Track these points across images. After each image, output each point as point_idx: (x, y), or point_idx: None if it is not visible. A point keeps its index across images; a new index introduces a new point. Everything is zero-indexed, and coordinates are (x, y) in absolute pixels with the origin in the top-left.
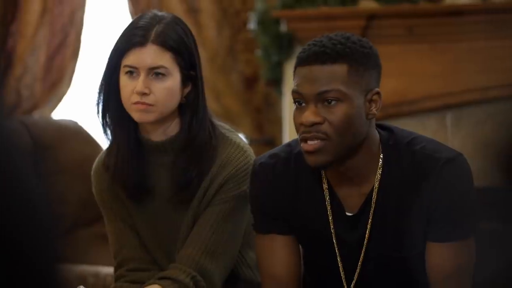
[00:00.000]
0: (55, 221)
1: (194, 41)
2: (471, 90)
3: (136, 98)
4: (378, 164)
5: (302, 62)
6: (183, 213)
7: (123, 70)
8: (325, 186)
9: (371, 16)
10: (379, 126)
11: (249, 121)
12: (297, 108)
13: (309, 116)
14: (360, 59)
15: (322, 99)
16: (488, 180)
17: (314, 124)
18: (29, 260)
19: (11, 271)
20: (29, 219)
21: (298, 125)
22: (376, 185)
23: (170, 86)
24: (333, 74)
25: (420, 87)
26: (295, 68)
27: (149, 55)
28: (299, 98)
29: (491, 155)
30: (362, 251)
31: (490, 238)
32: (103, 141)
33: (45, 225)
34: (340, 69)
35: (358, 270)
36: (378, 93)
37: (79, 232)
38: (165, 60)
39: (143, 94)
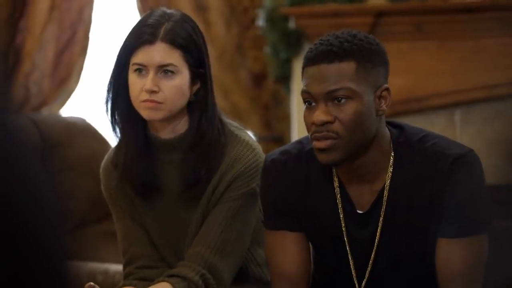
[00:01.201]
0: (63, 218)
1: (203, 38)
2: (479, 88)
3: (145, 96)
4: (389, 162)
5: (309, 62)
6: (192, 211)
7: (132, 68)
8: (336, 184)
9: (380, 13)
10: (390, 124)
11: (258, 118)
12: (307, 108)
13: (319, 115)
14: (367, 56)
15: (332, 97)
16: (497, 177)
17: (325, 123)
18: (38, 257)
19: (19, 268)
20: (38, 216)
21: (309, 125)
22: (388, 182)
23: (179, 84)
24: (341, 72)
25: (429, 85)
26: (303, 68)
27: (158, 53)
28: (308, 98)
29: (500, 152)
30: (374, 249)
31: (504, 236)
32: (112, 139)
33: (53, 222)
34: (348, 66)
35: (369, 268)
36: (387, 89)
37: (88, 230)
38: (174, 58)
39: (152, 92)
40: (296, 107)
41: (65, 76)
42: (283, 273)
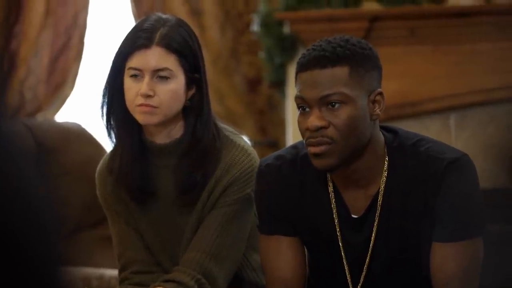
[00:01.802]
0: (58, 223)
1: (198, 43)
2: (474, 92)
3: (140, 100)
4: (384, 166)
5: (302, 67)
6: (187, 216)
7: (127, 73)
8: (330, 188)
9: (374, 18)
10: (384, 128)
11: (253, 123)
12: (301, 114)
13: (314, 121)
14: (360, 61)
15: (326, 102)
16: (491, 181)
17: (319, 128)
18: (32, 263)
19: (14, 274)
20: (32, 222)
21: (304, 131)
22: (382, 187)
23: (174, 89)
24: (334, 77)
25: (423, 89)
26: (296, 74)
27: (154, 57)
28: (302, 104)
29: (495, 156)
30: (368, 254)
31: (498, 240)
32: (107, 144)
33: (48, 228)
34: (341, 71)
35: (364, 273)
36: (381, 93)
37: (83, 235)
38: (170, 62)
39: (148, 96)
40: (291, 111)
41: (60, 81)
42: (279, 277)
